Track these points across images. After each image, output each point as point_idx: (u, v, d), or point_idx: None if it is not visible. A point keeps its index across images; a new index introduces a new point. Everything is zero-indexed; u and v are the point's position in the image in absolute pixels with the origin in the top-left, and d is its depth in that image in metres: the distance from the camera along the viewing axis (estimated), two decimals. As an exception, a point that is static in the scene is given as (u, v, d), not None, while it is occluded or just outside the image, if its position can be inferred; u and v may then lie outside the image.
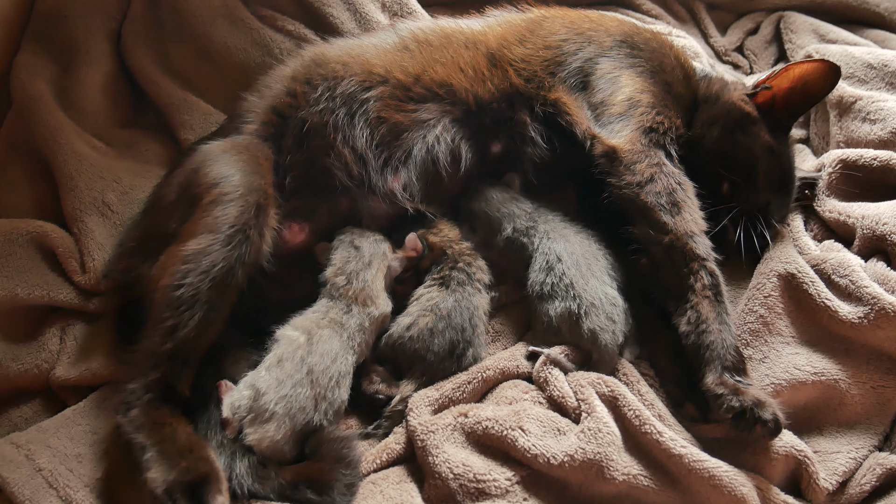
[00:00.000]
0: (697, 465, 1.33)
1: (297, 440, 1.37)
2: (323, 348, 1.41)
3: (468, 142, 1.62)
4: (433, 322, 1.49)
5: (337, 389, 1.40)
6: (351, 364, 1.45)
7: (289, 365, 1.38)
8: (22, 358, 1.55)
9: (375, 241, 1.58)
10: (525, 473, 1.37)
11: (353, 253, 1.55)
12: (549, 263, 1.56)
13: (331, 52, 1.70)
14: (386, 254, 1.58)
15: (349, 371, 1.44)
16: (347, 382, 1.43)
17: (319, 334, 1.43)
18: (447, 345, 1.48)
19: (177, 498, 1.24)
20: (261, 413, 1.34)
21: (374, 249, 1.56)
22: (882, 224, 1.58)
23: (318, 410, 1.37)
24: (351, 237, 1.57)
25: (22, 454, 1.37)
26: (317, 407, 1.37)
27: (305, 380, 1.37)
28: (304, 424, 1.36)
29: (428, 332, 1.48)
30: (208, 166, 1.48)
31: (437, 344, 1.48)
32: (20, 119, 1.80)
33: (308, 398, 1.36)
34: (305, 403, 1.36)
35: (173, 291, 1.34)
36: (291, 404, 1.35)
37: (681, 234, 1.48)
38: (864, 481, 1.42)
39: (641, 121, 1.57)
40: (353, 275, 1.52)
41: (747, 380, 1.41)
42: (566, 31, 1.70)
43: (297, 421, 1.35)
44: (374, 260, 1.55)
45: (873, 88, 1.90)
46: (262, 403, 1.34)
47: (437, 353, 1.48)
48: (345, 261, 1.54)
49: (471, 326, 1.51)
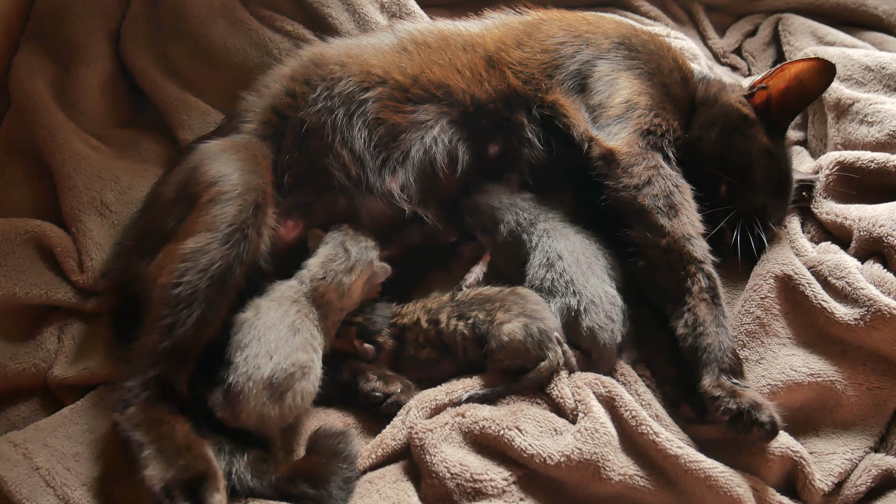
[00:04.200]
0: (694, 466, 1.33)
1: (274, 397, 1.35)
2: (268, 315, 1.41)
3: (465, 143, 1.63)
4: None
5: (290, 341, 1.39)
6: (308, 326, 1.43)
7: (241, 340, 1.38)
8: (20, 357, 1.55)
9: (366, 247, 1.56)
10: (522, 473, 1.37)
11: (342, 254, 1.54)
12: (549, 260, 1.56)
13: (329, 52, 1.71)
14: (372, 262, 1.56)
15: (303, 332, 1.42)
16: (303, 338, 1.41)
17: (267, 306, 1.43)
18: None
19: (174, 496, 1.24)
20: (235, 396, 1.34)
21: (362, 256, 1.55)
22: (879, 226, 1.58)
23: (275, 362, 1.36)
24: (343, 238, 1.56)
25: (19, 453, 1.37)
26: (272, 359, 1.36)
27: (254, 341, 1.37)
28: (269, 379, 1.34)
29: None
30: (206, 165, 1.49)
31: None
32: (19, 118, 1.80)
33: (262, 355, 1.35)
34: (260, 361, 1.35)
35: (171, 290, 1.34)
36: (251, 370, 1.34)
37: (678, 236, 1.48)
38: (859, 482, 1.42)
39: (639, 123, 1.57)
40: (332, 274, 1.51)
41: (744, 382, 1.41)
42: (563, 33, 1.71)
43: (258, 380, 1.34)
44: (357, 266, 1.53)
45: (871, 91, 1.90)
46: (234, 387, 1.34)
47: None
48: (331, 259, 1.53)
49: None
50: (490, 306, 1.50)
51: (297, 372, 1.36)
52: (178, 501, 1.24)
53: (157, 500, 1.25)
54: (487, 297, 1.53)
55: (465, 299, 1.55)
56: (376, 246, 1.59)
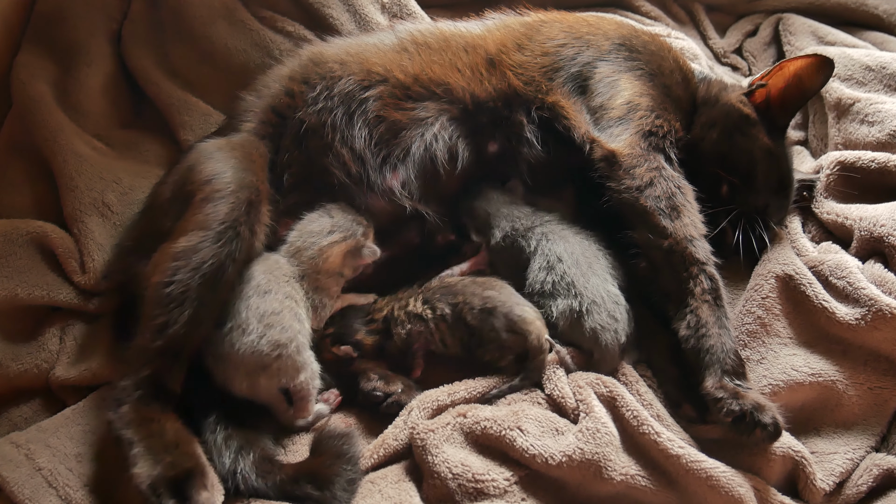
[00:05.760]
0: (695, 466, 1.33)
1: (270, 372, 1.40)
2: (250, 283, 1.44)
3: (465, 140, 1.63)
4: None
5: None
6: (280, 289, 1.45)
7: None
8: (22, 358, 1.55)
9: (354, 220, 1.57)
10: (523, 473, 1.37)
11: (325, 219, 1.54)
12: (549, 263, 1.56)
13: (329, 51, 1.71)
14: (356, 234, 1.55)
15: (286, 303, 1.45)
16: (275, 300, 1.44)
17: (249, 275, 1.45)
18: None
19: (161, 493, 1.24)
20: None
21: (345, 224, 1.55)
22: (879, 226, 1.59)
23: (261, 330, 1.39)
24: (332, 207, 1.57)
25: (22, 453, 1.37)
26: (262, 321, 1.39)
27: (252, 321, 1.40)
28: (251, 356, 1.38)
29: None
30: (202, 164, 1.49)
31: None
32: (20, 119, 1.80)
33: (250, 320, 1.39)
34: (247, 325, 1.39)
35: (163, 289, 1.34)
36: (244, 345, 1.38)
37: (680, 238, 1.48)
38: (860, 482, 1.42)
39: (641, 124, 1.57)
40: (309, 235, 1.52)
41: (747, 383, 1.41)
42: (564, 35, 1.71)
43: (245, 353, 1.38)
44: (337, 231, 1.53)
45: (871, 90, 1.90)
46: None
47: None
48: (310, 221, 1.54)
49: None
50: (453, 298, 1.52)
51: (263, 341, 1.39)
52: (164, 499, 1.24)
53: (144, 498, 1.25)
54: (450, 286, 1.56)
55: (431, 287, 1.57)
56: (369, 227, 1.59)
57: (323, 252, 1.52)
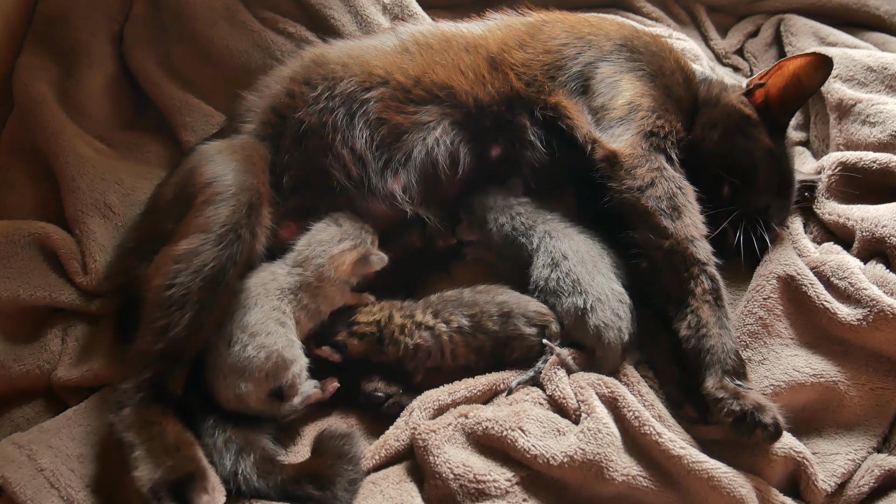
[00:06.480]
0: (696, 466, 1.33)
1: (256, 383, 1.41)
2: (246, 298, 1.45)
3: (467, 144, 1.63)
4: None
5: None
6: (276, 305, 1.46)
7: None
8: (24, 359, 1.55)
9: (362, 228, 1.56)
10: (525, 474, 1.37)
11: (333, 228, 1.54)
12: (553, 260, 1.56)
13: (330, 52, 1.71)
14: (365, 242, 1.55)
15: (276, 316, 1.45)
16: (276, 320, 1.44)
17: (245, 286, 1.46)
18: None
19: (162, 496, 1.25)
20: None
21: (354, 232, 1.55)
22: (881, 226, 1.59)
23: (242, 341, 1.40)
24: (339, 216, 1.57)
25: (24, 454, 1.37)
26: (246, 331, 1.40)
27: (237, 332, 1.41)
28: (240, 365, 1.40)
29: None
30: (203, 166, 1.49)
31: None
32: (22, 121, 1.81)
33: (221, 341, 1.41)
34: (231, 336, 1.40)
35: (164, 291, 1.34)
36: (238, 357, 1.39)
37: (681, 238, 1.48)
38: (862, 483, 1.42)
39: (642, 125, 1.57)
40: (318, 244, 1.52)
41: (748, 384, 1.41)
42: (566, 35, 1.71)
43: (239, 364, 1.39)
44: (347, 239, 1.53)
45: (873, 91, 1.90)
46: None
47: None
48: (319, 230, 1.54)
49: None
50: (468, 309, 1.53)
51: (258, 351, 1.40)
52: (165, 502, 1.25)
53: (145, 501, 1.26)
54: (459, 299, 1.56)
55: (433, 300, 1.57)
56: (375, 234, 1.59)
57: (334, 260, 1.51)
